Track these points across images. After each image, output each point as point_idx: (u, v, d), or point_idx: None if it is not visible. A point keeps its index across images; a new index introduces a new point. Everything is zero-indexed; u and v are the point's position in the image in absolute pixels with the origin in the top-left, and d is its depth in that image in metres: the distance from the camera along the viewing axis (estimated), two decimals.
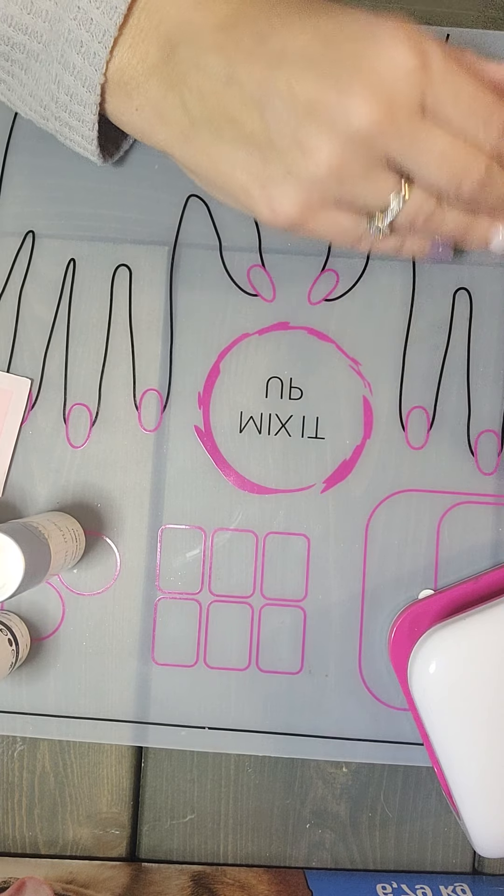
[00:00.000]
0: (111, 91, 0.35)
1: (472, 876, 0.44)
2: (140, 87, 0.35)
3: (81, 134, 0.38)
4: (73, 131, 0.38)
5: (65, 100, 0.36)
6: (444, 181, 0.33)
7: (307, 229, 0.36)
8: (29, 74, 0.36)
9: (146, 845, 0.45)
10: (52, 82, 0.36)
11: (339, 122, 0.31)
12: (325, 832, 0.44)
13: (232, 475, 0.44)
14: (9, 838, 0.44)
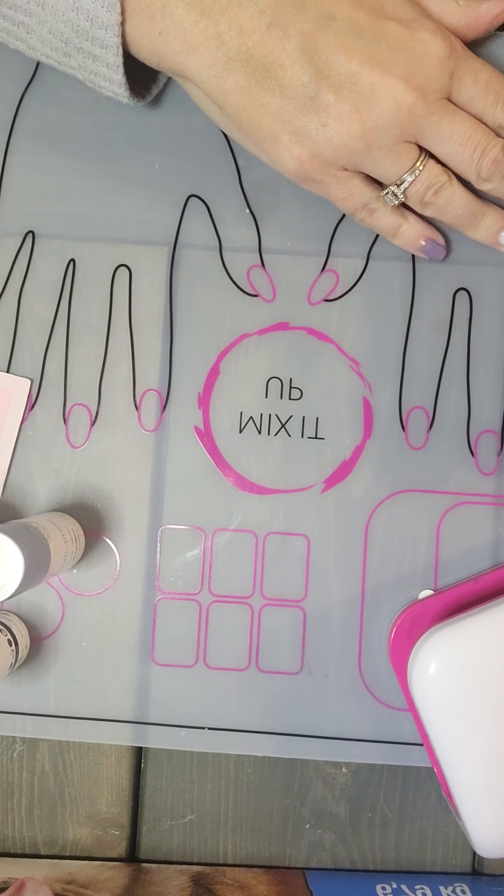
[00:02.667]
0: (131, 11, 0.35)
1: (471, 876, 0.44)
2: (166, 8, 0.34)
3: (106, 63, 0.37)
4: (97, 62, 0.37)
5: (85, 26, 0.35)
6: (466, 157, 0.37)
7: (320, 183, 0.38)
8: (46, 9, 0.35)
9: (146, 846, 0.45)
10: (71, 9, 0.35)
11: (380, 99, 0.35)
12: (324, 832, 0.44)
13: (232, 475, 0.44)
14: (8, 838, 0.44)
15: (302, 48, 0.34)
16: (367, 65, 0.34)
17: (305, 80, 0.35)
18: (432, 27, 0.36)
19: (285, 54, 0.35)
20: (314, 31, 0.34)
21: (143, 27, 0.35)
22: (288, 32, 0.34)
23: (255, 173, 0.44)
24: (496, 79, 0.37)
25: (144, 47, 0.36)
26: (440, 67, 0.35)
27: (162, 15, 0.35)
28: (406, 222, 0.41)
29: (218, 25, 0.34)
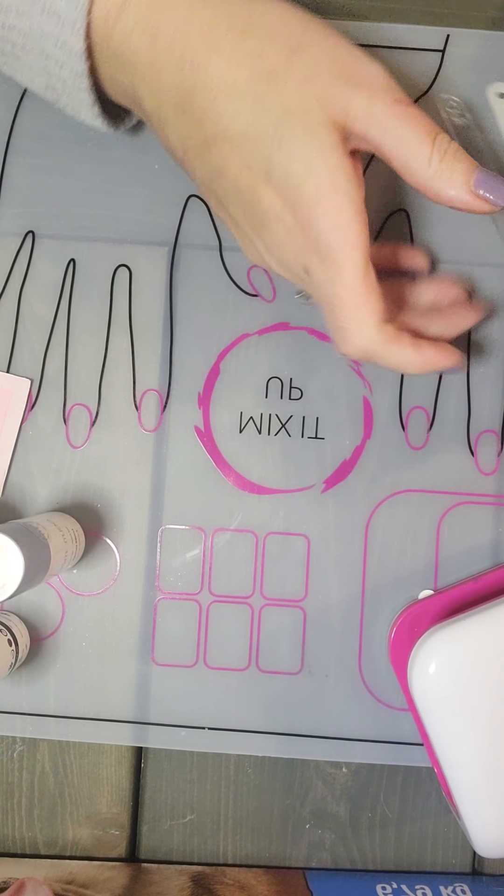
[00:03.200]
0: (94, 41, 0.35)
1: (471, 876, 0.44)
2: (122, 74, 0.35)
3: (79, 88, 0.37)
4: (65, 86, 0.37)
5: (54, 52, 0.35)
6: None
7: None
8: (23, 63, 0.36)
9: (146, 846, 0.45)
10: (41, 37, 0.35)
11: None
12: (324, 832, 0.44)
13: (232, 475, 0.44)
14: (8, 839, 0.44)
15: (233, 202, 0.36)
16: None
17: (234, 214, 0.37)
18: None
19: (227, 205, 0.37)
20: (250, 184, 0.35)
21: (106, 70, 0.36)
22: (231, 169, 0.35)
23: None
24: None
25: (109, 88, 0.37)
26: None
27: (133, 101, 0.36)
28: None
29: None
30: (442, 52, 0.45)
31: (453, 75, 0.45)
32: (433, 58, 0.45)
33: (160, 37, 0.33)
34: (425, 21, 0.45)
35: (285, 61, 0.32)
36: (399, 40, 0.45)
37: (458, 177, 0.33)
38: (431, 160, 0.33)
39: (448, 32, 0.45)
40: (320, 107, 0.32)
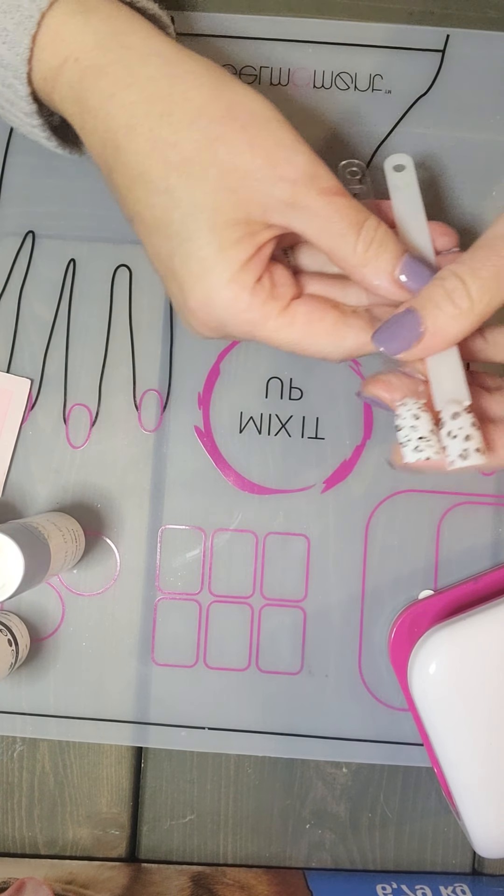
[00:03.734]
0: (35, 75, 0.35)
1: (471, 876, 0.44)
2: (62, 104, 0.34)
3: (31, 124, 0.37)
4: (20, 121, 0.37)
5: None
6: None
7: None
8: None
9: (146, 846, 0.44)
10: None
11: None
12: (324, 832, 0.44)
13: (232, 475, 0.44)
14: (8, 839, 0.44)
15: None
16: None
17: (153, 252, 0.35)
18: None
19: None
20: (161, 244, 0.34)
21: (47, 95, 0.35)
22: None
23: None
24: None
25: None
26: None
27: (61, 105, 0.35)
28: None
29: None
30: (442, 52, 0.45)
31: (453, 76, 0.45)
32: (433, 58, 0.45)
33: (87, 111, 0.33)
34: (425, 21, 0.45)
35: (201, 152, 0.31)
36: (399, 41, 0.45)
37: (383, 266, 0.32)
38: (356, 250, 0.32)
39: (448, 33, 0.45)
40: (232, 203, 0.31)
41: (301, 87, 0.45)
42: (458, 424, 0.31)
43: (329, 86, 0.45)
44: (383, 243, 0.32)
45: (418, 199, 0.36)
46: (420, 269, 0.32)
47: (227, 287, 0.32)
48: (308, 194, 0.31)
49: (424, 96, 0.45)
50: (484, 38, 0.45)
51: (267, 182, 0.31)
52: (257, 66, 0.45)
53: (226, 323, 0.33)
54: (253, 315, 0.32)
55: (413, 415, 0.32)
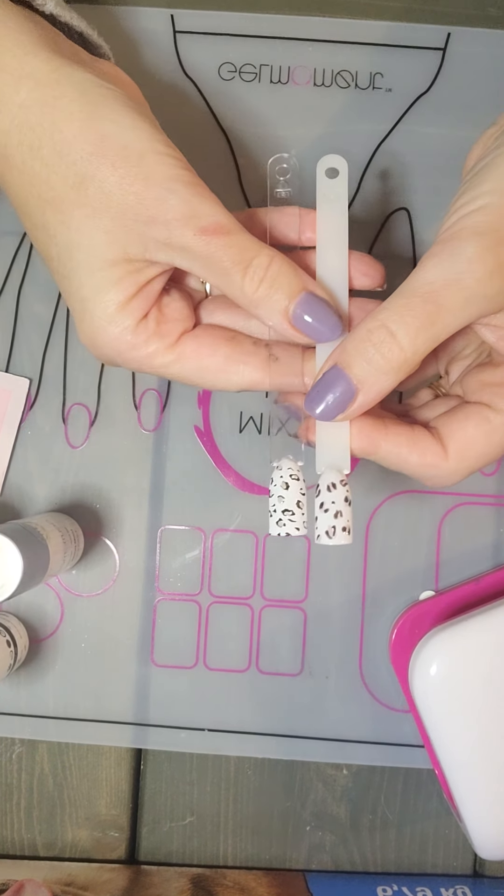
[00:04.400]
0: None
1: (472, 878, 0.44)
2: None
3: None
4: None
5: None
6: None
7: None
8: None
9: (145, 848, 0.44)
10: None
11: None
12: (325, 834, 0.44)
13: (232, 475, 0.44)
14: (7, 840, 0.44)
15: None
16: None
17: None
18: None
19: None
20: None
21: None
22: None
23: (255, 173, 0.44)
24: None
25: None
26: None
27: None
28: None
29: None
30: (443, 50, 0.44)
31: (454, 74, 0.44)
32: (434, 56, 0.44)
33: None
34: (426, 20, 0.45)
35: (70, 191, 0.30)
36: (400, 39, 0.44)
37: (275, 306, 0.30)
38: (244, 290, 0.30)
39: (449, 31, 0.44)
40: (106, 243, 0.30)
41: (301, 85, 0.45)
42: (332, 498, 0.31)
43: (329, 84, 0.44)
44: (275, 282, 0.30)
45: (344, 218, 0.33)
46: (318, 310, 0.30)
47: (107, 328, 0.31)
48: (184, 235, 0.29)
49: (425, 94, 0.44)
50: (485, 36, 0.44)
51: (140, 222, 0.29)
52: (257, 64, 0.44)
53: (114, 359, 0.32)
54: (138, 353, 0.31)
55: (283, 483, 0.32)
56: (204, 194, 0.30)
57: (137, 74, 0.44)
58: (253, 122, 0.44)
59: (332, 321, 0.30)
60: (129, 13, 0.44)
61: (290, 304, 0.30)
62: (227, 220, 0.30)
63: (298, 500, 0.32)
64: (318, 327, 0.30)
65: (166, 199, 0.29)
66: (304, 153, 0.44)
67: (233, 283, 0.30)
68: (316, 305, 0.30)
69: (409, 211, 0.44)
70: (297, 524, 0.31)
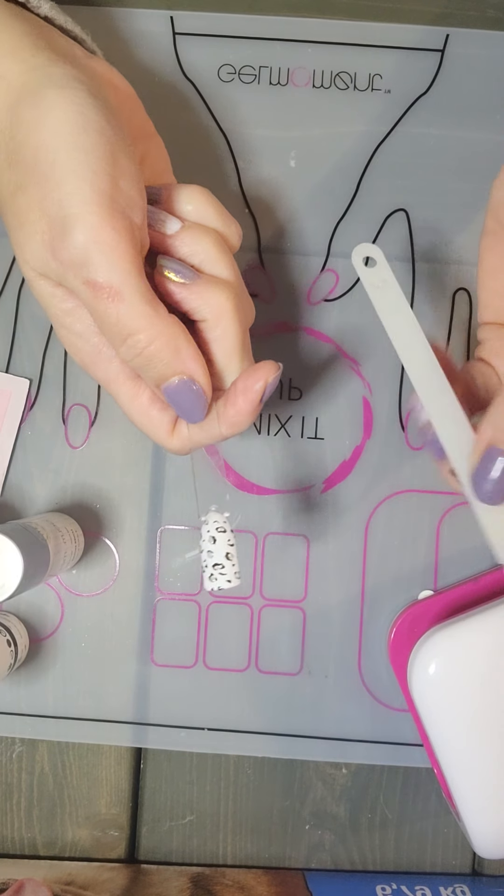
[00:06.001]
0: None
1: (471, 877, 0.44)
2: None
3: None
4: None
5: None
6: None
7: None
8: None
9: (145, 847, 0.44)
10: None
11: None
12: (324, 833, 0.44)
13: (231, 475, 0.44)
14: (7, 839, 0.44)
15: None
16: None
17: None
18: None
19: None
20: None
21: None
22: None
23: (255, 173, 0.44)
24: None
25: None
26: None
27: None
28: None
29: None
30: (441, 52, 0.45)
31: (453, 75, 0.44)
32: (433, 58, 0.45)
33: None
34: (425, 21, 0.45)
35: (8, 198, 0.30)
36: (399, 40, 0.45)
37: (147, 378, 0.31)
38: (121, 354, 0.30)
39: (448, 32, 0.45)
40: (31, 253, 0.30)
41: (300, 86, 0.45)
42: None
43: (328, 85, 0.45)
44: (149, 363, 0.30)
45: (402, 300, 0.32)
46: (184, 398, 0.30)
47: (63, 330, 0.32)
48: (74, 282, 0.28)
49: (424, 96, 0.44)
50: (483, 37, 0.45)
51: (43, 250, 0.29)
52: (256, 65, 0.45)
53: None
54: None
55: (211, 537, 0.32)
56: (115, 244, 0.28)
57: (137, 76, 0.44)
58: (252, 123, 0.45)
59: (197, 409, 0.31)
60: (128, 15, 0.44)
61: (159, 386, 0.30)
62: (124, 282, 0.28)
63: (227, 552, 0.32)
64: (184, 412, 0.31)
65: (67, 238, 0.28)
66: (304, 155, 0.44)
67: (112, 343, 0.30)
68: (184, 394, 0.30)
69: (407, 212, 0.44)
70: (228, 576, 0.32)
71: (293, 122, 0.45)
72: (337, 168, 0.44)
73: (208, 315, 0.31)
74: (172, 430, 0.33)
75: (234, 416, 0.31)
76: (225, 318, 0.31)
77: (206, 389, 0.31)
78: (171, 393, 0.30)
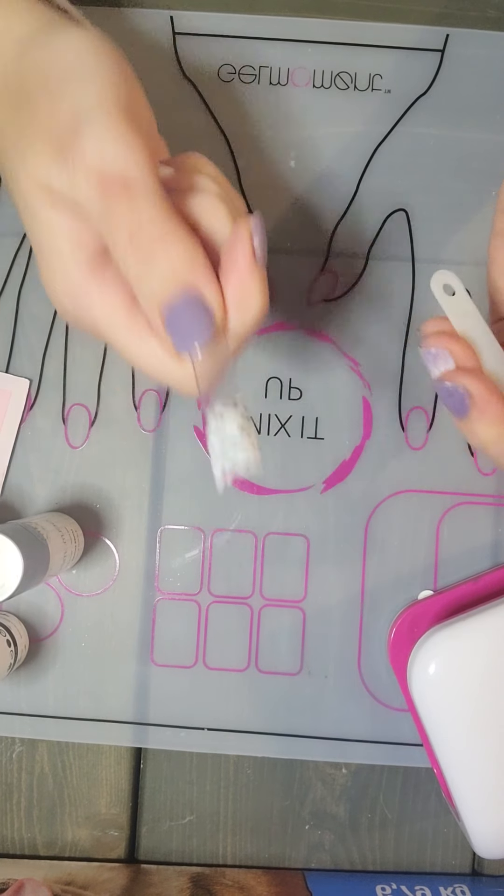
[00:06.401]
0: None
1: (471, 877, 0.44)
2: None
3: None
4: None
5: None
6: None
7: None
8: None
9: (145, 847, 0.44)
10: None
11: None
12: (324, 833, 0.44)
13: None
14: (7, 839, 0.44)
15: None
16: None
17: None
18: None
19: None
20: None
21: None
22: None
23: (255, 173, 0.44)
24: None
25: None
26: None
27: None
28: None
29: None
30: (441, 52, 0.45)
31: (453, 75, 0.44)
32: (433, 58, 0.45)
33: None
34: (425, 21, 0.45)
35: (11, 113, 0.29)
36: (399, 40, 0.45)
37: (150, 305, 0.27)
38: (129, 268, 0.27)
39: (448, 32, 0.45)
40: (25, 167, 0.28)
41: (300, 86, 0.45)
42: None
43: (328, 85, 0.45)
44: (152, 270, 0.26)
45: (485, 328, 0.30)
46: (183, 321, 0.26)
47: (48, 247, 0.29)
48: (84, 181, 0.26)
49: (424, 96, 0.44)
50: (484, 37, 0.45)
51: (49, 155, 0.27)
52: (256, 65, 0.45)
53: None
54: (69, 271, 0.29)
55: (218, 413, 0.27)
56: (131, 140, 0.26)
57: (137, 76, 0.44)
58: (252, 123, 0.45)
59: (197, 333, 0.27)
60: (128, 14, 0.44)
61: (160, 306, 0.27)
62: (140, 174, 0.26)
63: (240, 423, 0.27)
64: (183, 338, 0.27)
65: (80, 133, 0.26)
66: (304, 155, 0.44)
67: (116, 246, 0.26)
68: (191, 310, 0.27)
69: (407, 212, 0.44)
70: (249, 452, 0.26)
71: (293, 122, 0.45)
72: (337, 168, 0.44)
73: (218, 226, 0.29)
74: (181, 358, 0.28)
75: (239, 289, 0.28)
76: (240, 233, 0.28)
77: (215, 310, 0.27)
78: (175, 310, 0.26)
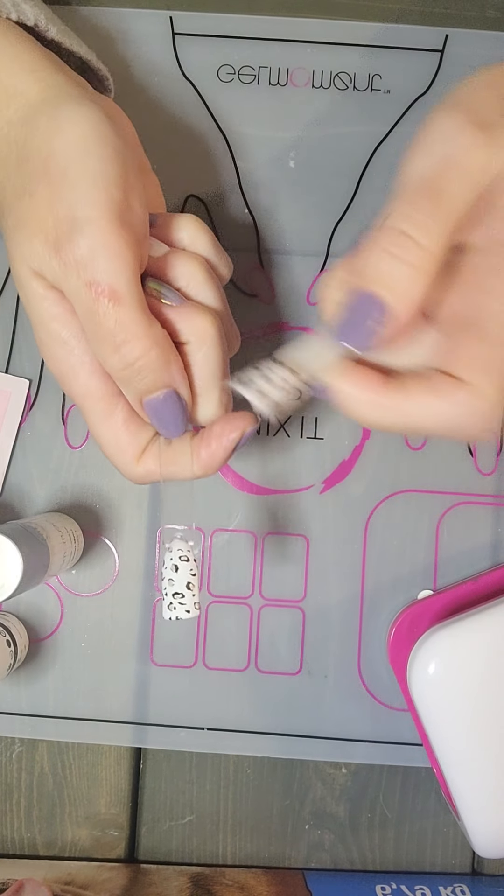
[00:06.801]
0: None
1: (471, 877, 0.44)
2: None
3: None
4: None
5: None
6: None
7: None
8: None
9: (145, 846, 0.44)
10: None
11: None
12: (324, 833, 0.44)
13: (231, 475, 0.44)
14: (7, 839, 0.44)
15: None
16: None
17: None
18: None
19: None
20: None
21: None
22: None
23: (255, 173, 0.44)
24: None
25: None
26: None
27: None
28: None
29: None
30: (441, 52, 0.45)
31: (452, 76, 0.44)
32: (432, 58, 0.45)
33: None
34: (424, 21, 0.45)
35: (14, 200, 0.30)
36: (398, 40, 0.45)
37: (132, 391, 0.31)
38: (109, 364, 0.30)
39: (447, 33, 0.45)
40: (23, 254, 0.30)
41: (300, 87, 0.45)
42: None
43: (328, 86, 0.45)
44: (139, 373, 0.30)
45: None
46: (168, 411, 0.31)
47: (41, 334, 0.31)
48: (75, 282, 0.29)
49: (423, 96, 0.45)
50: (483, 37, 0.45)
51: (45, 248, 0.29)
52: (256, 66, 0.45)
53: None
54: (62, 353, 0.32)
55: (173, 565, 0.33)
56: (121, 251, 0.28)
57: (136, 76, 0.44)
58: (252, 123, 0.45)
59: (179, 422, 0.31)
60: (128, 15, 0.44)
61: (142, 399, 0.31)
62: (126, 288, 0.29)
63: (188, 581, 0.33)
64: (164, 425, 0.31)
65: (73, 238, 0.28)
66: (304, 155, 0.44)
67: (102, 351, 0.30)
68: (169, 406, 0.31)
69: None
70: (188, 606, 0.33)
71: (293, 122, 0.45)
72: (337, 168, 0.44)
73: (192, 338, 0.31)
74: (139, 458, 0.33)
75: (207, 459, 0.32)
76: (208, 342, 0.32)
77: (188, 403, 0.32)
78: (156, 405, 0.31)
